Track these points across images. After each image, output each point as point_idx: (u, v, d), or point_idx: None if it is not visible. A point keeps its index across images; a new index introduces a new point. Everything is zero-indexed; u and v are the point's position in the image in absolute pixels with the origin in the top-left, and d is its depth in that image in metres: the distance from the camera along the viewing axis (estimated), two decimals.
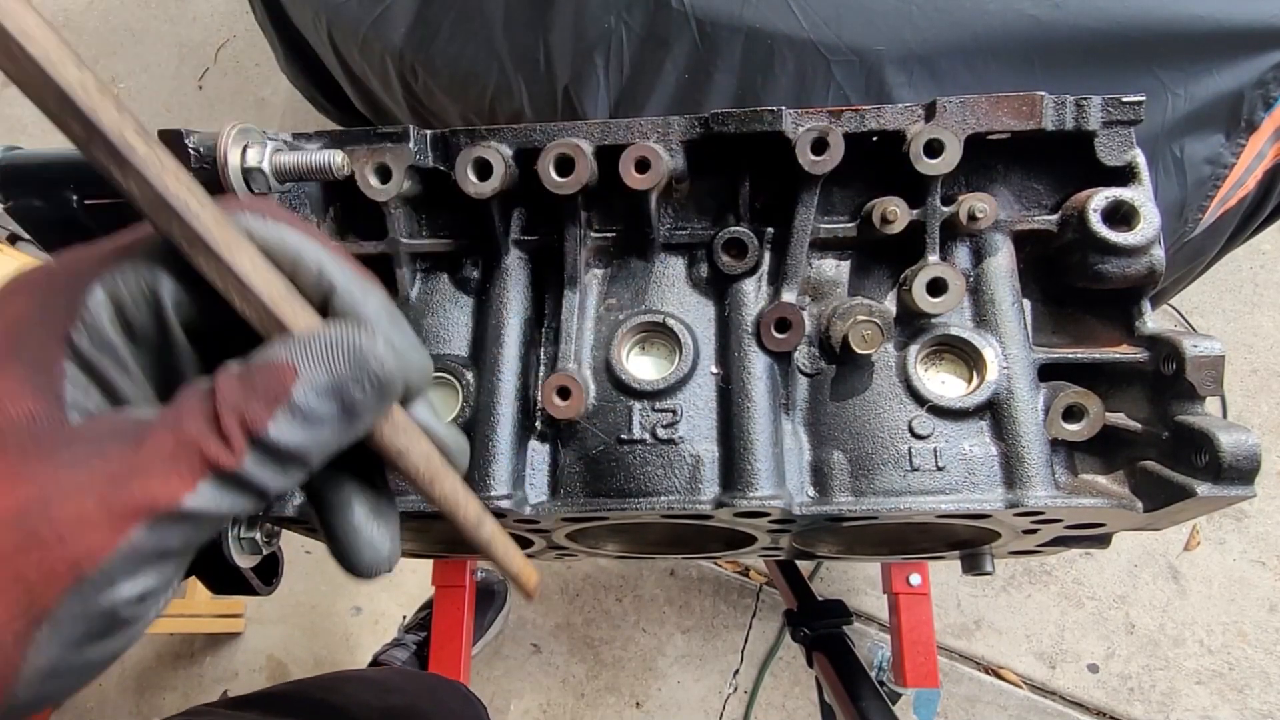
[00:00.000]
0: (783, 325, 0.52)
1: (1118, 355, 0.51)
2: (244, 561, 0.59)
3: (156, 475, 0.23)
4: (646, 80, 0.77)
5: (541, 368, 0.55)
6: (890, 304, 0.54)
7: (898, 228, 0.51)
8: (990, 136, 0.51)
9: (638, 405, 0.52)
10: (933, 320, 0.52)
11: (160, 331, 0.27)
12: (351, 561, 0.30)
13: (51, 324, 0.26)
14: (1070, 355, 0.52)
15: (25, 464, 0.24)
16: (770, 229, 0.55)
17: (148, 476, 0.23)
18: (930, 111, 0.50)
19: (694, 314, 0.55)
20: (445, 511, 0.31)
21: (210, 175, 0.45)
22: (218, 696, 1.69)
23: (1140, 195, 0.50)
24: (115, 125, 0.23)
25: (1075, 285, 0.53)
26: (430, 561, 1.22)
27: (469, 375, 0.54)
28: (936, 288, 0.50)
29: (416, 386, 0.28)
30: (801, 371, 0.54)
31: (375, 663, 1.42)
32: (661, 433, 0.52)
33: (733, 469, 0.50)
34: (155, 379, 0.28)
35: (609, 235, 0.56)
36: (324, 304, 0.27)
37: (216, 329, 0.27)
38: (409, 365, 0.27)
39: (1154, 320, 0.52)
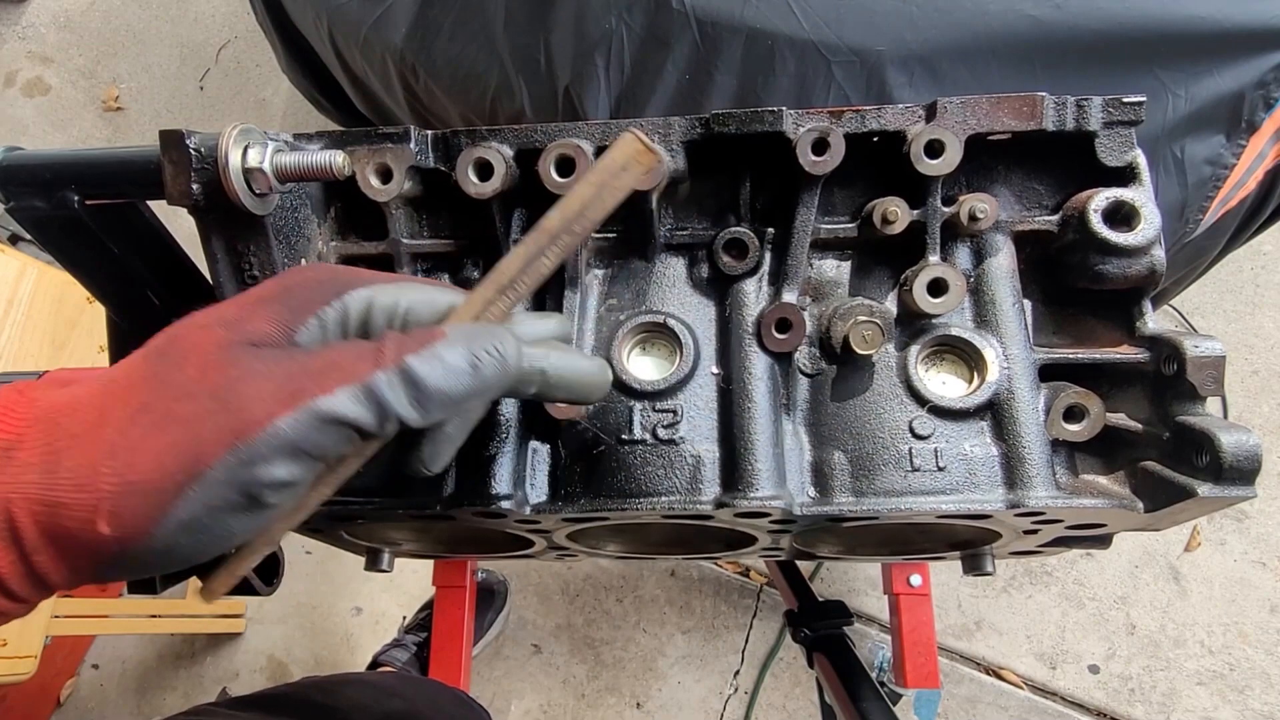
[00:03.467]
0: (783, 326, 0.52)
1: (1118, 356, 0.51)
2: None
3: (316, 376, 0.30)
4: (647, 80, 0.77)
5: None
6: (891, 304, 0.54)
7: (898, 228, 0.51)
8: (991, 137, 0.51)
9: (638, 405, 0.53)
10: (933, 321, 0.52)
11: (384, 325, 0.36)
12: (425, 466, 0.37)
13: (320, 295, 0.34)
14: (1071, 355, 0.52)
15: (240, 358, 0.30)
16: (771, 229, 0.55)
17: (308, 376, 0.30)
18: (931, 112, 0.50)
19: (695, 314, 0.55)
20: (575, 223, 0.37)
21: (211, 176, 0.45)
22: (224, 688, 1.69)
23: (1141, 196, 0.50)
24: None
25: (1076, 286, 0.53)
26: (430, 561, 1.22)
27: None
28: (937, 288, 0.50)
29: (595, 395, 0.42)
30: (802, 372, 0.54)
31: (375, 664, 1.42)
32: (662, 433, 0.52)
33: (733, 469, 0.50)
34: None
35: (609, 235, 0.56)
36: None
37: None
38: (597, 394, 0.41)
39: (1155, 321, 0.52)
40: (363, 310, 0.35)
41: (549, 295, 0.57)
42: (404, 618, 1.59)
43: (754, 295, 0.54)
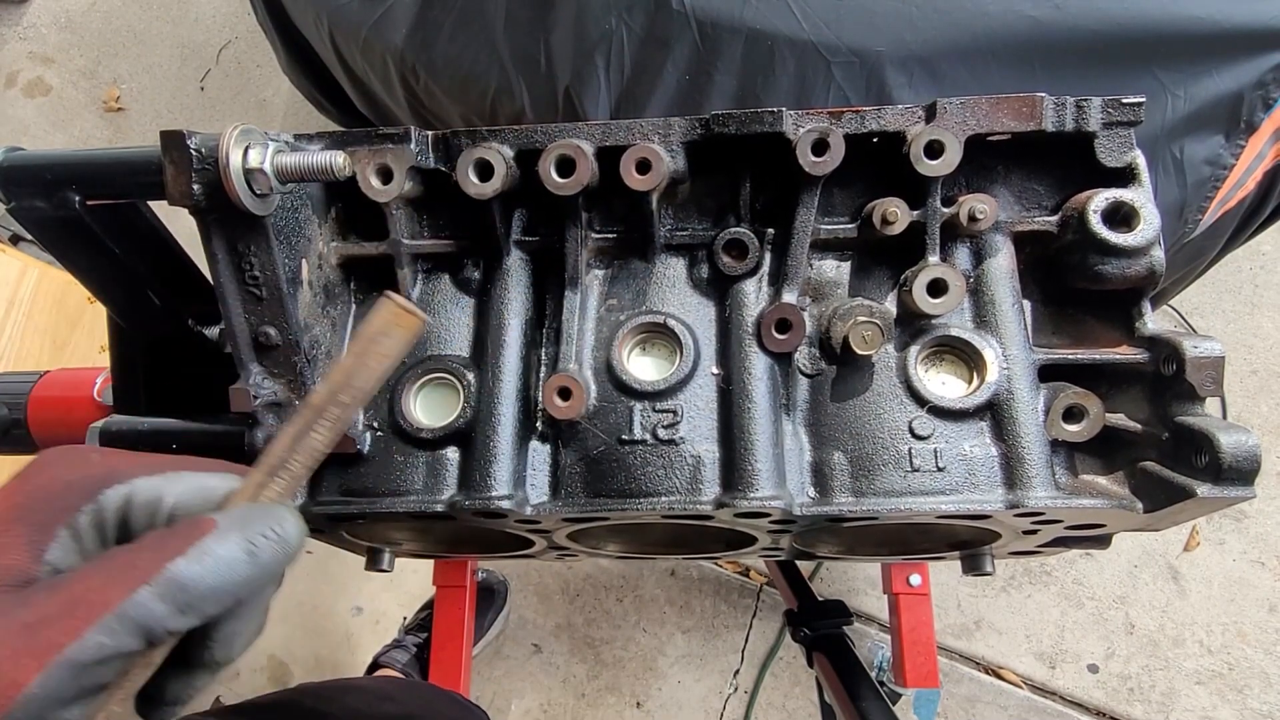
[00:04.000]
0: (783, 326, 0.52)
1: (1118, 356, 0.51)
2: None
3: (57, 623, 0.27)
4: (647, 81, 0.77)
5: (542, 368, 0.55)
6: (891, 305, 0.54)
7: (898, 229, 0.51)
8: (990, 138, 0.52)
9: (638, 406, 0.53)
10: (933, 321, 0.52)
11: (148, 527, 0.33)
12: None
13: (70, 501, 0.31)
14: (1070, 356, 0.52)
15: None
16: (771, 230, 0.55)
17: (48, 627, 0.27)
18: (931, 113, 0.50)
19: (695, 315, 0.55)
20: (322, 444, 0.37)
21: (212, 176, 0.45)
22: (218, 695, 1.69)
23: (1140, 196, 0.50)
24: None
25: (1075, 286, 0.53)
26: (430, 561, 1.22)
27: (470, 376, 0.54)
28: (937, 289, 0.51)
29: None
30: (802, 372, 0.54)
31: (375, 665, 1.42)
32: (662, 433, 0.52)
33: (733, 470, 0.51)
34: None
35: (610, 236, 0.56)
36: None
37: None
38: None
39: (1154, 321, 0.52)
40: (119, 509, 0.32)
41: (549, 296, 0.57)
42: (404, 619, 1.59)
43: (754, 295, 0.54)
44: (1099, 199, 0.50)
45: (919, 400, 0.52)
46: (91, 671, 0.27)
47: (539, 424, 0.54)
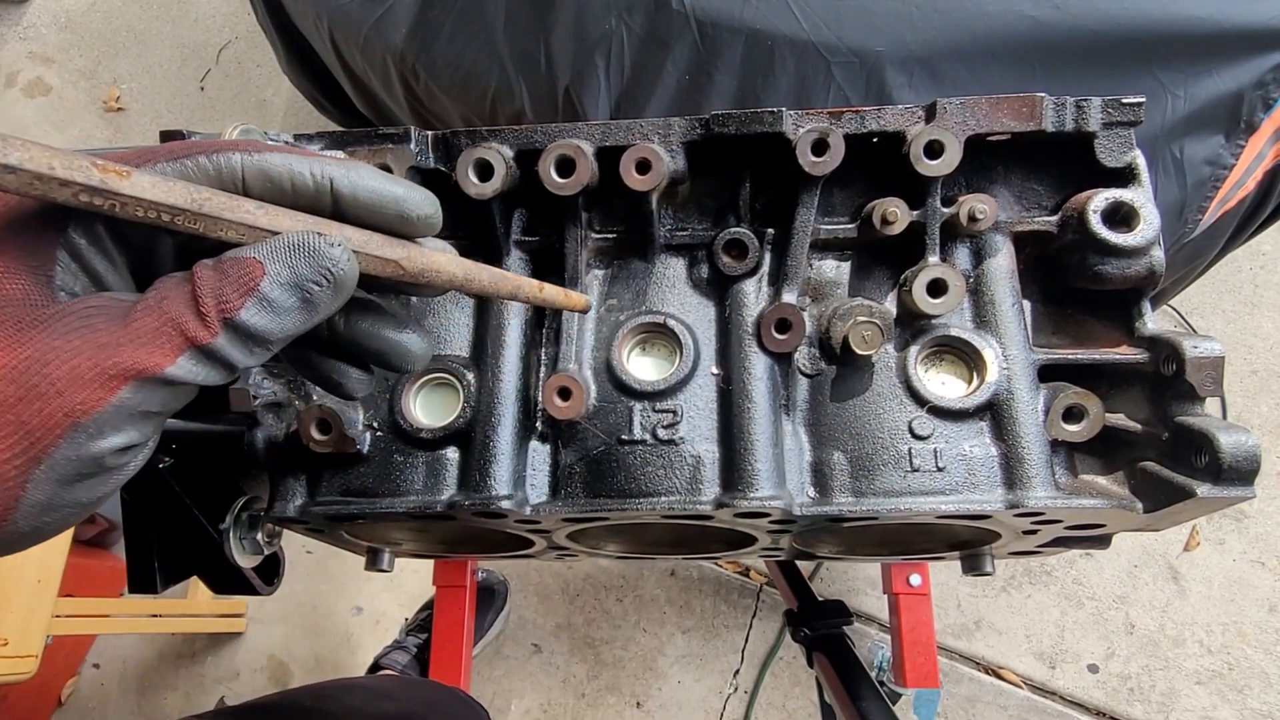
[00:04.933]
0: (783, 326, 0.52)
1: (1118, 356, 0.51)
2: (245, 562, 0.59)
3: (144, 346, 0.27)
4: (647, 81, 0.77)
5: (542, 368, 0.55)
6: (890, 305, 0.54)
7: (898, 229, 0.51)
8: (990, 138, 0.52)
9: (638, 406, 0.53)
10: (933, 321, 0.52)
11: (149, 238, 0.32)
12: (401, 361, 0.35)
13: (52, 218, 0.29)
14: (1070, 356, 0.52)
15: (21, 331, 0.27)
16: (771, 230, 0.55)
17: (136, 346, 0.27)
18: (930, 113, 0.50)
19: (694, 315, 0.55)
20: (490, 294, 0.36)
21: None
22: (219, 696, 1.70)
23: (1140, 196, 0.50)
24: (73, 174, 0.27)
25: (1075, 286, 0.53)
26: (430, 561, 1.22)
27: (470, 376, 0.54)
28: (937, 289, 0.51)
29: (432, 219, 0.33)
30: (802, 372, 0.54)
31: (376, 666, 1.42)
32: (662, 433, 0.52)
33: (733, 470, 0.51)
34: (138, 275, 0.32)
35: (610, 236, 0.56)
36: (333, 196, 0.31)
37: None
38: (411, 211, 0.32)
39: (1154, 321, 0.52)
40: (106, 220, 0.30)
41: None
42: (405, 619, 1.59)
43: (754, 295, 0.54)
44: (1099, 199, 0.50)
45: (919, 400, 0.52)
46: (165, 392, 0.28)
47: (539, 424, 0.54)
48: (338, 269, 0.29)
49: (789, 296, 0.53)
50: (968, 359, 0.53)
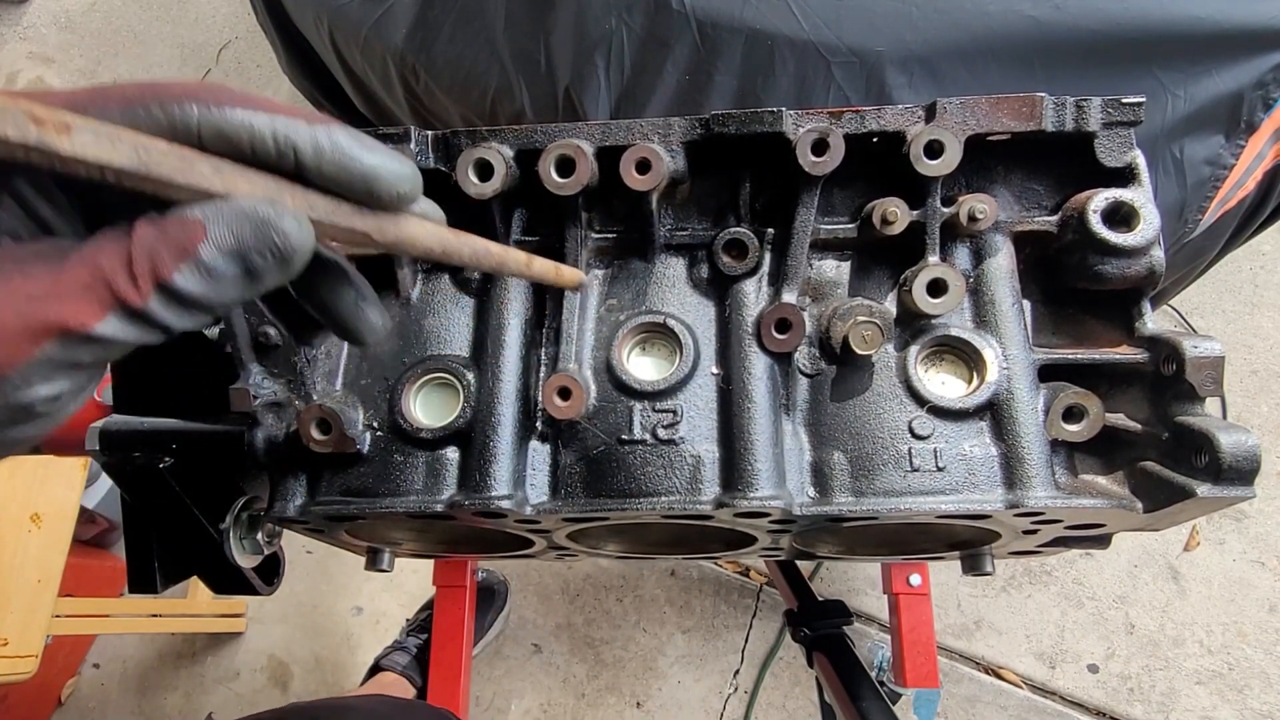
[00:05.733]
0: (783, 326, 0.52)
1: (1118, 356, 0.51)
2: (245, 562, 0.59)
3: (71, 301, 0.26)
4: (647, 81, 0.77)
5: (542, 368, 0.55)
6: (890, 305, 0.54)
7: (898, 229, 0.51)
8: (990, 137, 0.52)
9: (638, 406, 0.53)
10: (933, 321, 0.52)
11: (96, 184, 0.30)
12: (360, 333, 0.35)
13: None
14: (1070, 356, 0.52)
15: None
16: (771, 230, 0.55)
17: (63, 300, 0.26)
18: (930, 113, 0.50)
19: (694, 314, 0.55)
20: (473, 266, 0.35)
21: None
22: (210, 713, 1.69)
23: (1140, 196, 0.50)
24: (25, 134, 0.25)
25: (1075, 286, 0.53)
26: (430, 561, 1.22)
27: (470, 376, 0.54)
28: (937, 288, 0.51)
29: (406, 195, 0.31)
30: (802, 372, 0.54)
31: (376, 667, 1.42)
32: (662, 433, 0.52)
33: (733, 469, 0.51)
34: (90, 219, 0.31)
35: (610, 236, 0.56)
36: (296, 162, 0.29)
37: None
38: (383, 188, 0.30)
39: (1154, 321, 0.52)
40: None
41: (549, 296, 0.57)
42: (406, 620, 1.59)
43: (754, 295, 0.54)
44: (1099, 199, 0.50)
45: (919, 400, 0.52)
46: (90, 348, 0.27)
47: (539, 424, 0.54)
48: (286, 242, 0.27)
49: (789, 296, 0.53)
50: (968, 359, 0.53)
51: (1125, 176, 0.52)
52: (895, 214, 0.51)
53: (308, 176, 0.29)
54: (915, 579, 1.18)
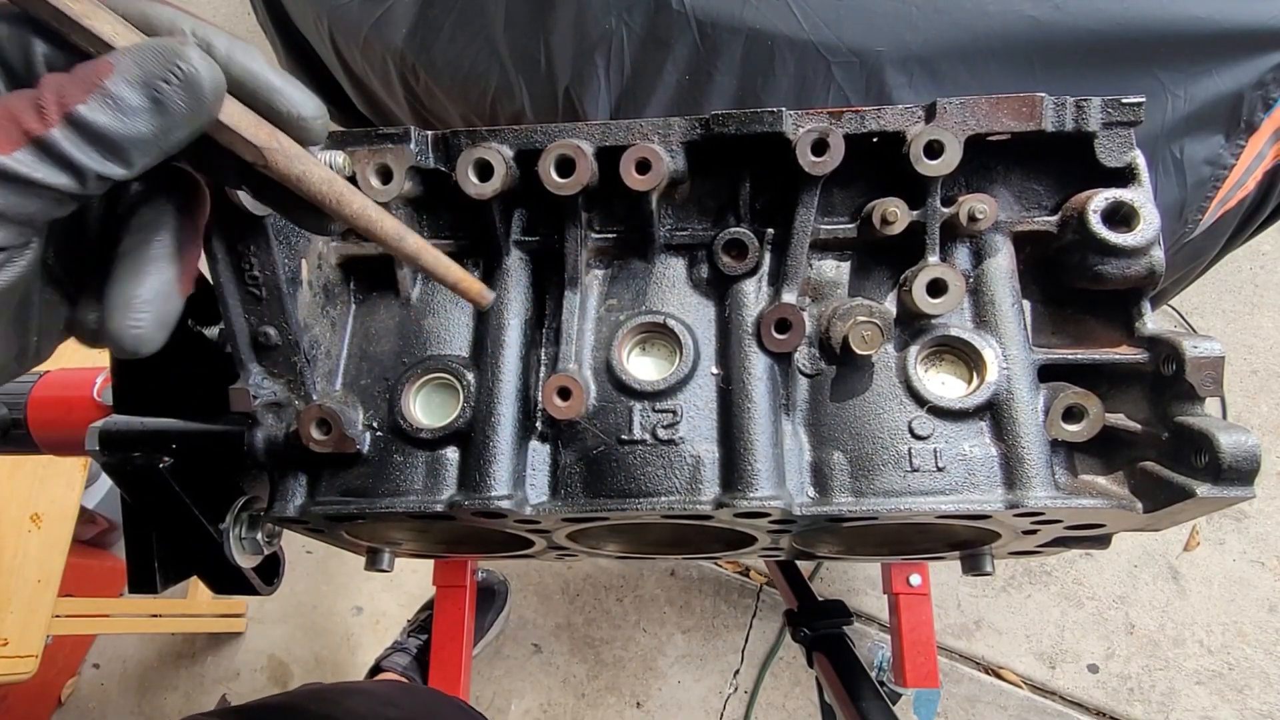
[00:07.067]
0: (783, 326, 0.52)
1: (1118, 356, 0.51)
2: (245, 561, 0.59)
3: None
4: (647, 81, 0.77)
5: (542, 368, 0.55)
6: (890, 305, 0.54)
7: (898, 229, 0.51)
8: (990, 138, 0.52)
9: (638, 406, 0.53)
10: (933, 321, 0.52)
11: (27, 67, 0.29)
12: (111, 330, 0.30)
13: None
14: (1070, 356, 0.52)
15: None
16: (770, 230, 0.55)
17: None
18: (930, 113, 0.50)
19: (694, 315, 0.55)
20: (360, 228, 0.34)
21: None
22: (219, 696, 1.70)
23: (1140, 196, 0.50)
24: None
25: (1075, 286, 0.53)
26: (430, 561, 1.22)
27: (469, 376, 0.54)
28: (936, 288, 0.51)
29: (309, 127, 0.31)
30: (802, 372, 0.54)
31: (377, 668, 1.43)
32: (662, 433, 0.52)
33: (733, 469, 0.51)
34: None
35: (610, 236, 0.56)
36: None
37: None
38: (284, 105, 0.30)
39: (1154, 321, 0.52)
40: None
41: (549, 296, 0.57)
42: (407, 621, 1.59)
43: (754, 295, 0.54)
44: (1099, 199, 0.50)
45: (919, 400, 0.52)
46: (14, 190, 0.26)
47: (538, 424, 0.54)
48: (192, 68, 0.27)
49: (789, 296, 0.53)
50: (968, 359, 0.53)
51: (1125, 176, 0.52)
52: (895, 214, 0.51)
53: None
54: (915, 579, 1.18)
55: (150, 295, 0.30)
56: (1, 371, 0.32)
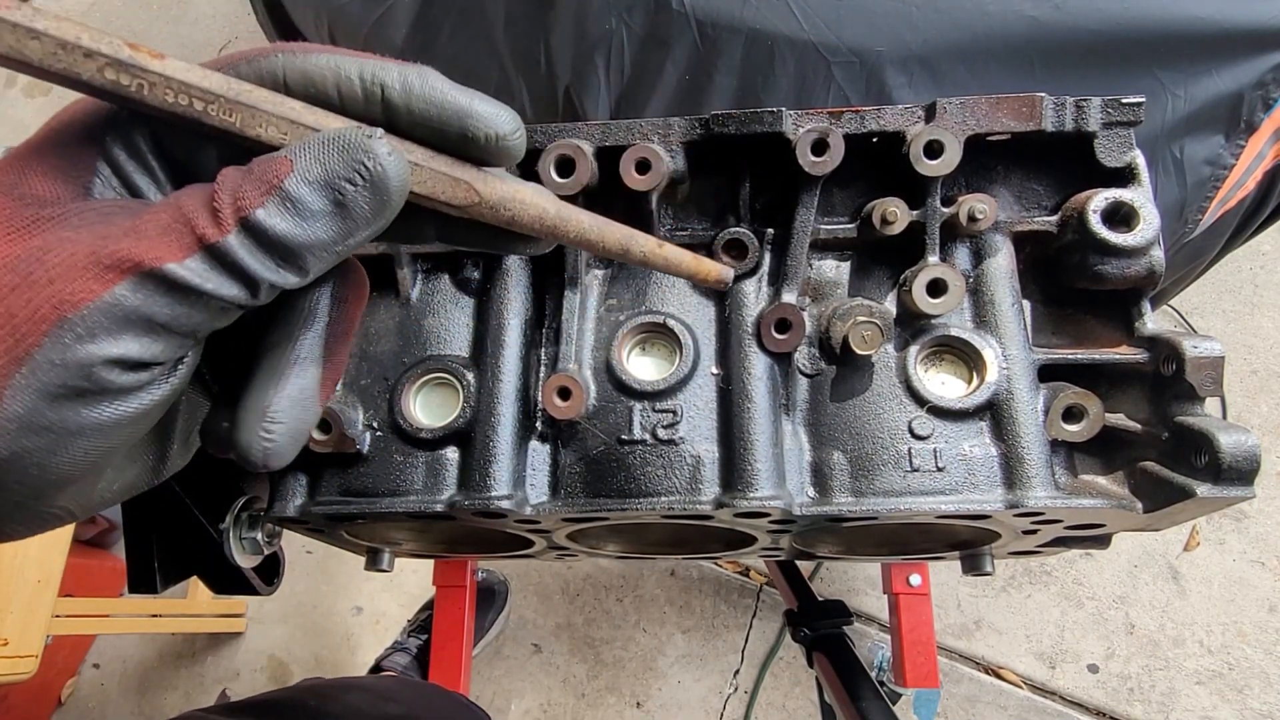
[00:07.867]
0: (783, 326, 0.52)
1: (1118, 356, 0.51)
2: (245, 561, 0.59)
3: (147, 238, 0.24)
4: (647, 81, 0.77)
5: (542, 368, 0.55)
6: (890, 305, 0.54)
7: (898, 229, 0.51)
8: (990, 138, 0.52)
9: (638, 406, 0.53)
10: (933, 321, 0.52)
11: (189, 149, 0.28)
12: (239, 441, 0.28)
13: (93, 127, 0.27)
14: (1070, 356, 0.52)
15: (38, 225, 0.25)
16: (770, 230, 0.55)
17: (139, 238, 0.24)
18: (930, 113, 0.50)
19: (694, 315, 0.55)
20: (585, 247, 0.31)
21: None
22: (224, 689, 1.70)
23: (1140, 196, 0.50)
24: (116, 50, 0.24)
25: (1075, 286, 0.53)
26: (430, 561, 1.22)
27: (469, 376, 0.54)
28: (936, 288, 0.51)
29: (509, 146, 0.28)
30: (802, 372, 0.54)
31: (377, 668, 1.43)
32: (662, 433, 0.52)
33: (733, 469, 0.51)
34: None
35: None
36: (384, 101, 0.27)
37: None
38: (479, 127, 0.27)
39: (1154, 321, 0.52)
40: (148, 133, 0.28)
41: (549, 296, 0.57)
42: (407, 621, 1.59)
43: (754, 295, 0.54)
44: (1099, 199, 0.50)
45: (919, 400, 0.52)
46: (176, 299, 0.24)
47: (539, 424, 0.54)
48: (378, 165, 0.24)
49: (789, 296, 0.53)
50: (968, 359, 0.53)
51: (1125, 176, 0.52)
52: (895, 214, 0.51)
53: (398, 121, 0.27)
54: (915, 579, 1.18)
55: (287, 405, 0.28)
56: (136, 485, 0.30)
